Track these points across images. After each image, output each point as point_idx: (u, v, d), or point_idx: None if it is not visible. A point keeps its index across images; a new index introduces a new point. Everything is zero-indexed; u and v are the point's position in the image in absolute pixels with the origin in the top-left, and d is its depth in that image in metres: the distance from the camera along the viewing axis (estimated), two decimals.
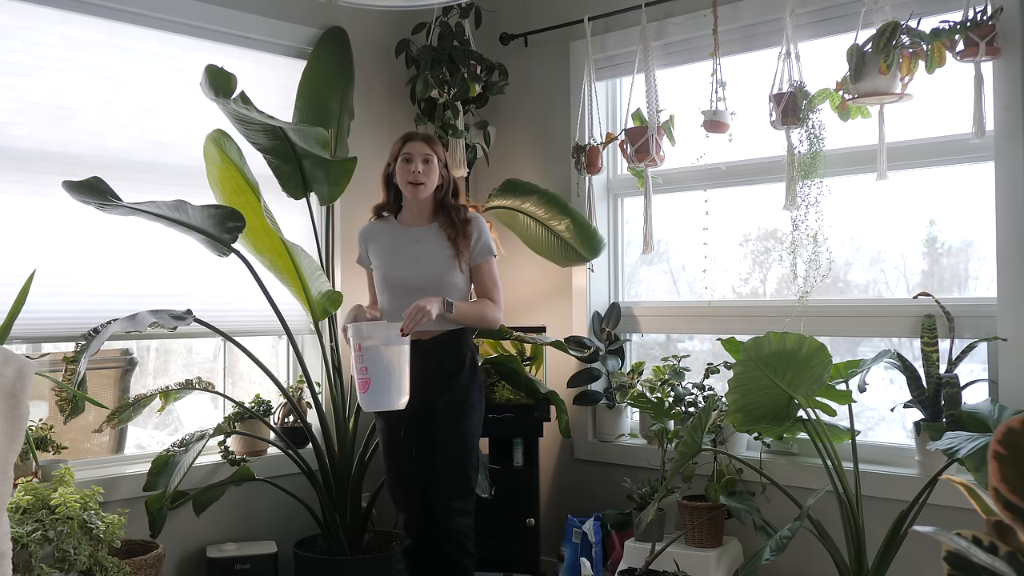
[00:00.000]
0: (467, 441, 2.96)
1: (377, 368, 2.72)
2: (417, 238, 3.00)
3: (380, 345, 2.72)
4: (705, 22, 3.48)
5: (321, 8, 3.82)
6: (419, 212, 3.03)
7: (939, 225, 3.25)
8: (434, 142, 3.01)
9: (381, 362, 2.73)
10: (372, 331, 2.76)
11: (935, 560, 1.60)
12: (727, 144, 3.43)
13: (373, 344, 2.72)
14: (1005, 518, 1.36)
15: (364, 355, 2.72)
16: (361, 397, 2.78)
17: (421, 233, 3.01)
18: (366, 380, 2.73)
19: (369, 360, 2.72)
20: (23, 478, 2.84)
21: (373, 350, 2.72)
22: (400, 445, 2.97)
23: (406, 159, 2.96)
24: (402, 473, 2.99)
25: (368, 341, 2.72)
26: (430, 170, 2.96)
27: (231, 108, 3.05)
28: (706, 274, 3.61)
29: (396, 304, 2.93)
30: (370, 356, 2.72)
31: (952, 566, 1.44)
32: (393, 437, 2.98)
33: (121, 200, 2.99)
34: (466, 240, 2.97)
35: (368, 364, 2.72)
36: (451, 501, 2.91)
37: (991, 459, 1.37)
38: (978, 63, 2.83)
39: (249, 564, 3.36)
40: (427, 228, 3.02)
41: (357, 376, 2.76)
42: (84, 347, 2.82)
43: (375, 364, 2.72)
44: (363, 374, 2.73)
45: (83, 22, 3.29)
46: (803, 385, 2.76)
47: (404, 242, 3.00)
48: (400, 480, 3.00)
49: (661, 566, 3.12)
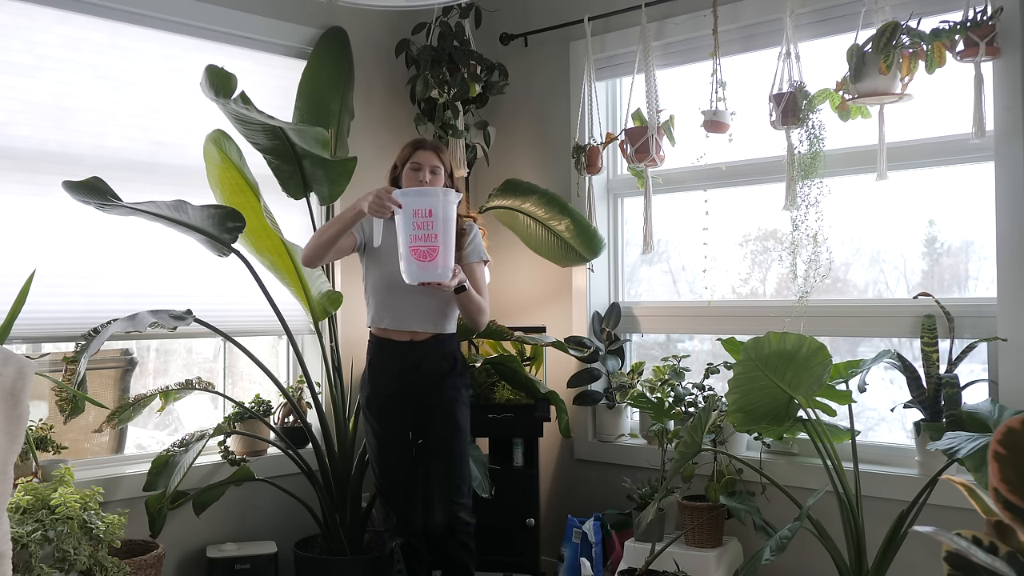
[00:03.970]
0: (464, 434, 3.05)
1: (446, 234, 2.67)
2: None
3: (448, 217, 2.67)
4: (705, 22, 3.48)
5: (321, 8, 3.82)
6: None
7: (939, 225, 3.25)
8: (443, 152, 3.05)
9: (449, 231, 2.68)
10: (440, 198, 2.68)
11: (935, 560, 1.60)
12: (727, 144, 3.43)
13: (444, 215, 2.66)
14: (1005, 518, 1.36)
15: (435, 221, 2.64)
16: (422, 267, 2.71)
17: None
18: (434, 248, 2.66)
19: (440, 225, 2.66)
20: (23, 478, 2.84)
21: (441, 216, 2.65)
22: (400, 444, 3.00)
23: (415, 168, 2.98)
24: (399, 473, 3.03)
25: (440, 211, 2.66)
26: (436, 180, 2.99)
27: (231, 108, 3.05)
28: (706, 274, 3.61)
29: (394, 302, 2.99)
30: (440, 224, 2.65)
31: (952, 566, 1.44)
32: (390, 436, 3.02)
33: (121, 200, 2.99)
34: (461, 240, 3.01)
35: (439, 231, 2.66)
36: (454, 497, 2.98)
37: (991, 459, 1.37)
38: (978, 63, 2.83)
39: (249, 564, 3.36)
40: None
41: (419, 244, 2.67)
42: (84, 347, 2.82)
43: (444, 230, 2.67)
44: (432, 241, 2.65)
45: (83, 22, 3.29)
46: (803, 385, 2.76)
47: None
48: (396, 480, 3.04)
49: (661, 566, 3.12)
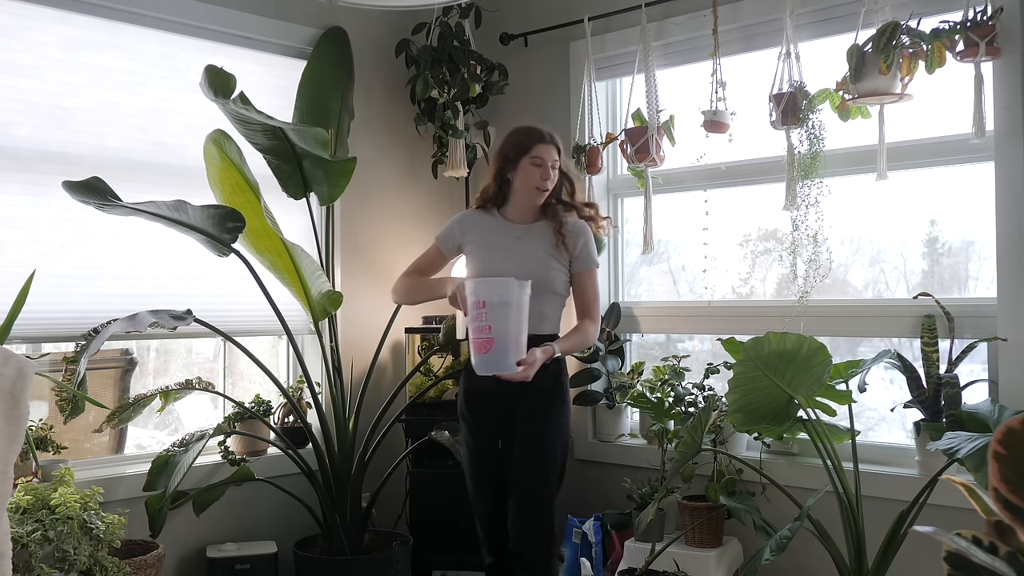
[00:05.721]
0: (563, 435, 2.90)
1: (501, 327, 2.62)
2: (518, 235, 2.92)
3: (505, 303, 2.63)
4: (705, 22, 3.48)
5: (321, 8, 3.82)
6: (527, 210, 2.94)
7: (939, 225, 3.25)
8: (560, 145, 2.94)
9: (507, 320, 2.63)
10: (498, 287, 2.65)
11: (935, 560, 1.60)
12: (727, 144, 3.43)
13: (499, 301, 2.63)
14: (1005, 518, 1.36)
15: (489, 312, 2.61)
16: (479, 358, 2.67)
17: (523, 230, 2.92)
18: (488, 340, 2.62)
19: (494, 318, 2.62)
20: (23, 478, 2.84)
21: (498, 307, 2.62)
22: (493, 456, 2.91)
23: (537, 163, 2.86)
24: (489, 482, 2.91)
25: (495, 298, 2.62)
26: (555, 176, 2.90)
27: (231, 108, 3.05)
28: (706, 274, 3.61)
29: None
30: (495, 314, 2.62)
31: (952, 566, 1.44)
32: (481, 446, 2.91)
33: (121, 200, 2.99)
34: (571, 242, 2.90)
35: (492, 323, 2.62)
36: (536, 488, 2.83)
37: (991, 459, 1.37)
38: (978, 63, 2.83)
39: (249, 564, 3.36)
40: (530, 226, 2.93)
41: (475, 336, 2.65)
42: (84, 347, 2.82)
43: (500, 322, 2.62)
44: (484, 333, 2.62)
45: (83, 22, 3.29)
46: (803, 385, 2.76)
47: (505, 238, 2.92)
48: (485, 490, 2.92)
49: (661, 566, 3.12)
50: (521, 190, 2.89)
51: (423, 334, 3.81)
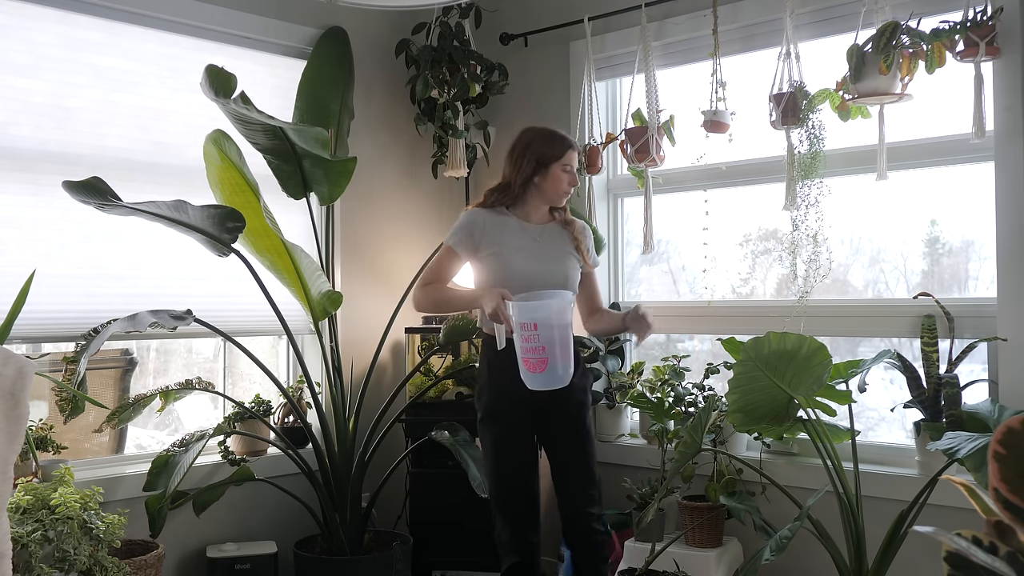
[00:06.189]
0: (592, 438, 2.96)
1: (554, 345, 2.66)
2: (536, 236, 2.94)
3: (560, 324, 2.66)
4: (705, 22, 3.48)
5: (321, 8, 3.82)
6: (541, 211, 2.99)
7: (939, 225, 3.25)
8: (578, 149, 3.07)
9: (559, 339, 2.66)
10: (550, 310, 2.68)
11: (935, 560, 1.60)
12: (727, 144, 3.43)
13: (552, 323, 2.65)
14: (1005, 518, 1.36)
15: (541, 334, 2.65)
16: (533, 377, 2.69)
17: (538, 231, 2.95)
18: (543, 360, 2.65)
19: (547, 339, 2.65)
20: (23, 478, 2.84)
21: (549, 327, 2.65)
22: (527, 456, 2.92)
23: (567, 169, 2.92)
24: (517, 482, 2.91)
25: (547, 320, 2.65)
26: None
27: (231, 108, 3.05)
28: (706, 274, 3.61)
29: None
30: (547, 335, 2.65)
31: (952, 566, 1.44)
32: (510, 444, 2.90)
33: (121, 200, 2.99)
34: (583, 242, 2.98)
35: (546, 343, 2.65)
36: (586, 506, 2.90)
37: (991, 459, 1.37)
38: (978, 63, 2.83)
39: (249, 564, 3.36)
40: (543, 227, 2.97)
41: (528, 356, 2.68)
42: (84, 347, 2.82)
43: (552, 341, 2.65)
44: (540, 353, 2.65)
45: (83, 22, 3.29)
46: (803, 385, 2.76)
47: (525, 240, 2.93)
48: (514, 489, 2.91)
49: (661, 566, 3.12)
50: (548, 193, 2.93)
51: (423, 334, 3.81)
